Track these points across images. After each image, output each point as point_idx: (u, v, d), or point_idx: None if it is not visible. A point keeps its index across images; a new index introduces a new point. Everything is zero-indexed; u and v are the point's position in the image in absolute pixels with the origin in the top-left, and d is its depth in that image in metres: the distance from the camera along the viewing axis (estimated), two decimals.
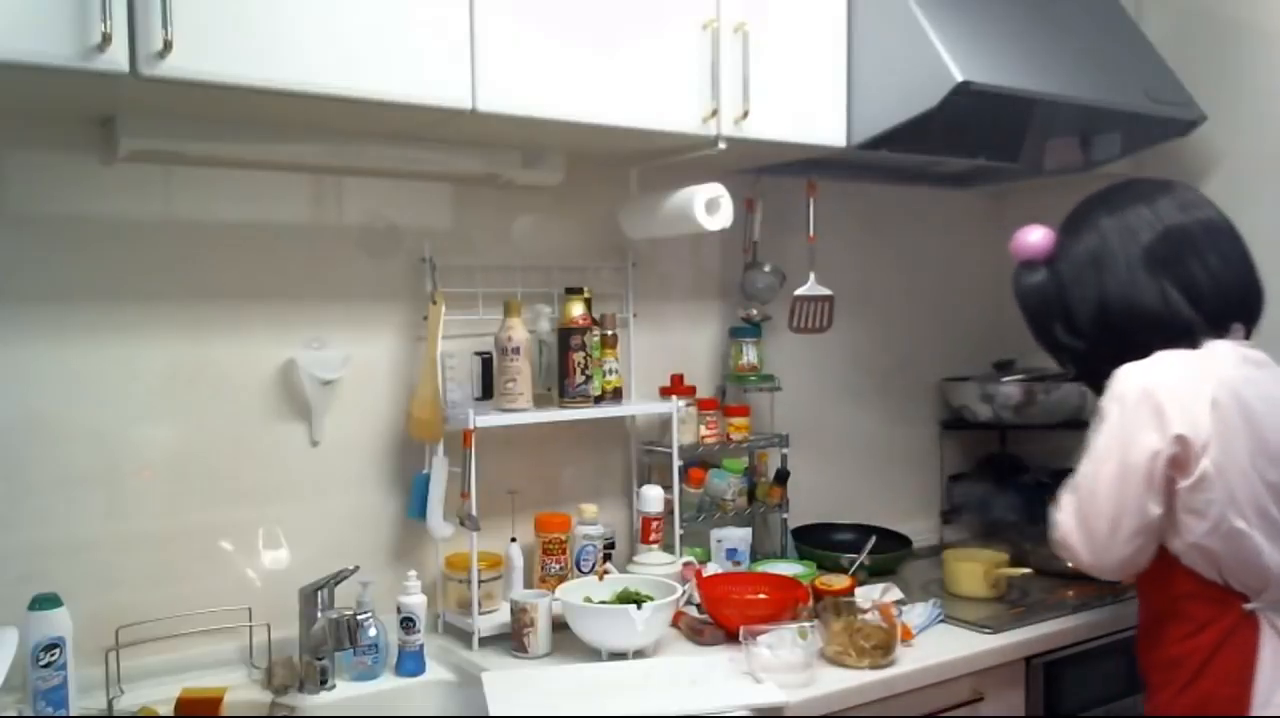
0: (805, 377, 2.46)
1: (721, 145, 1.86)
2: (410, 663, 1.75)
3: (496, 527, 1.94)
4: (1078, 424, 2.59)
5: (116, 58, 1.31)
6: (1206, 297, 1.59)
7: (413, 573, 1.78)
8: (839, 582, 1.94)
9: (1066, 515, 1.63)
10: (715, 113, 1.83)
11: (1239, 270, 1.63)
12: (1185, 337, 1.58)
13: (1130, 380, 1.54)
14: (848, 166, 2.31)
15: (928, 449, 2.71)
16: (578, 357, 1.93)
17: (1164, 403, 1.50)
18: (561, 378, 1.95)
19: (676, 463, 2.08)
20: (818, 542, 2.33)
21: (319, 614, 1.66)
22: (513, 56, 1.62)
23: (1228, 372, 1.53)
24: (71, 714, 1.52)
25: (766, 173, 2.26)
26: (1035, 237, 1.78)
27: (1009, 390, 2.52)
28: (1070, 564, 1.70)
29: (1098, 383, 1.62)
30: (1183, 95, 2.18)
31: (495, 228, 2.04)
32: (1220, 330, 1.60)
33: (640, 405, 2.12)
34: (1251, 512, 1.49)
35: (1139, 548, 1.55)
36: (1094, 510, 1.57)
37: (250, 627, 1.72)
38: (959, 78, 1.78)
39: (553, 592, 1.85)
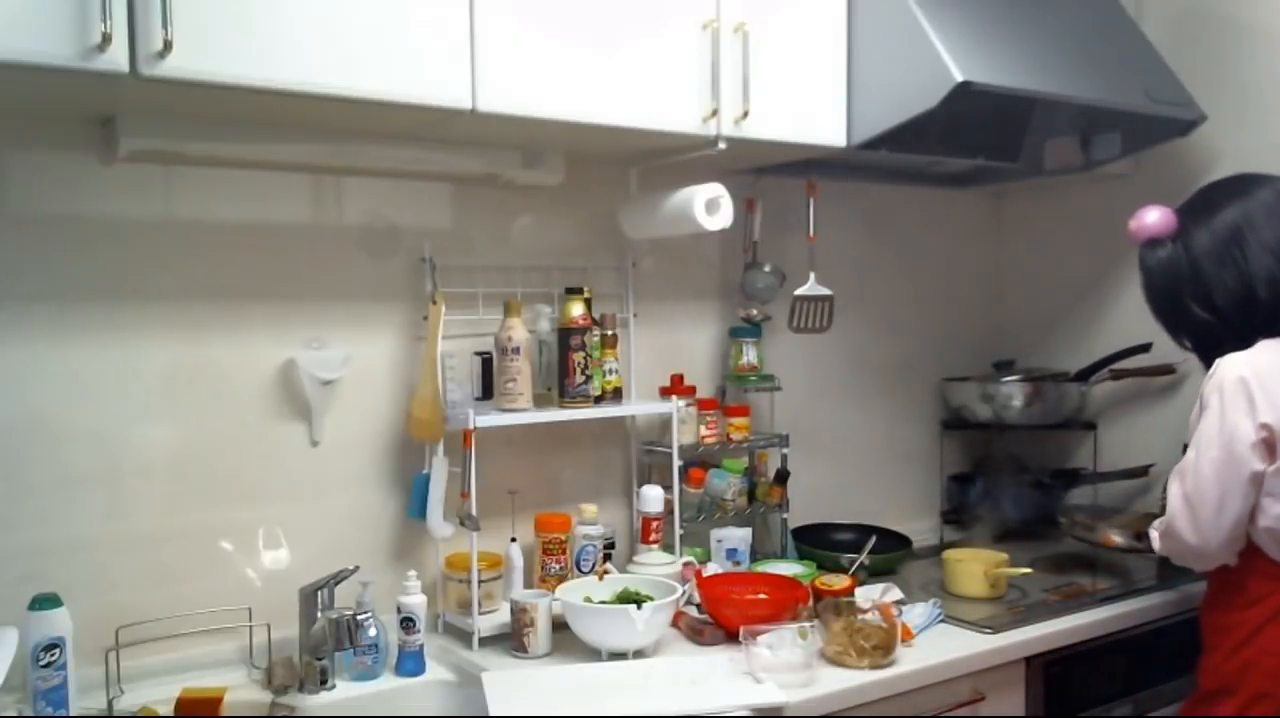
0: (805, 377, 2.46)
1: (721, 145, 1.86)
2: (410, 663, 1.75)
3: (496, 527, 1.94)
4: (1078, 424, 2.60)
5: (116, 58, 1.31)
6: None
7: (413, 573, 1.78)
8: (839, 582, 1.94)
9: (1175, 501, 1.71)
10: (715, 113, 1.83)
11: None
12: None
13: (1229, 370, 1.65)
14: (848, 167, 2.31)
15: (928, 449, 2.71)
16: (578, 357, 1.93)
17: (1255, 392, 1.60)
18: (561, 378, 1.95)
19: (676, 463, 2.08)
20: (818, 542, 2.33)
21: (319, 614, 1.66)
22: (513, 56, 1.62)
23: None
24: (71, 714, 1.52)
25: (766, 173, 2.26)
26: (1154, 216, 1.82)
27: (1009, 390, 2.52)
28: (1171, 557, 1.82)
29: (1213, 360, 1.71)
30: (1183, 95, 2.18)
31: (495, 228, 2.04)
32: None
33: (640, 405, 2.12)
34: None
35: (1243, 530, 1.65)
36: (1201, 497, 1.66)
37: (250, 627, 1.72)
38: (959, 78, 1.78)
39: (553, 592, 1.85)
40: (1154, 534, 1.84)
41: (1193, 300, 1.76)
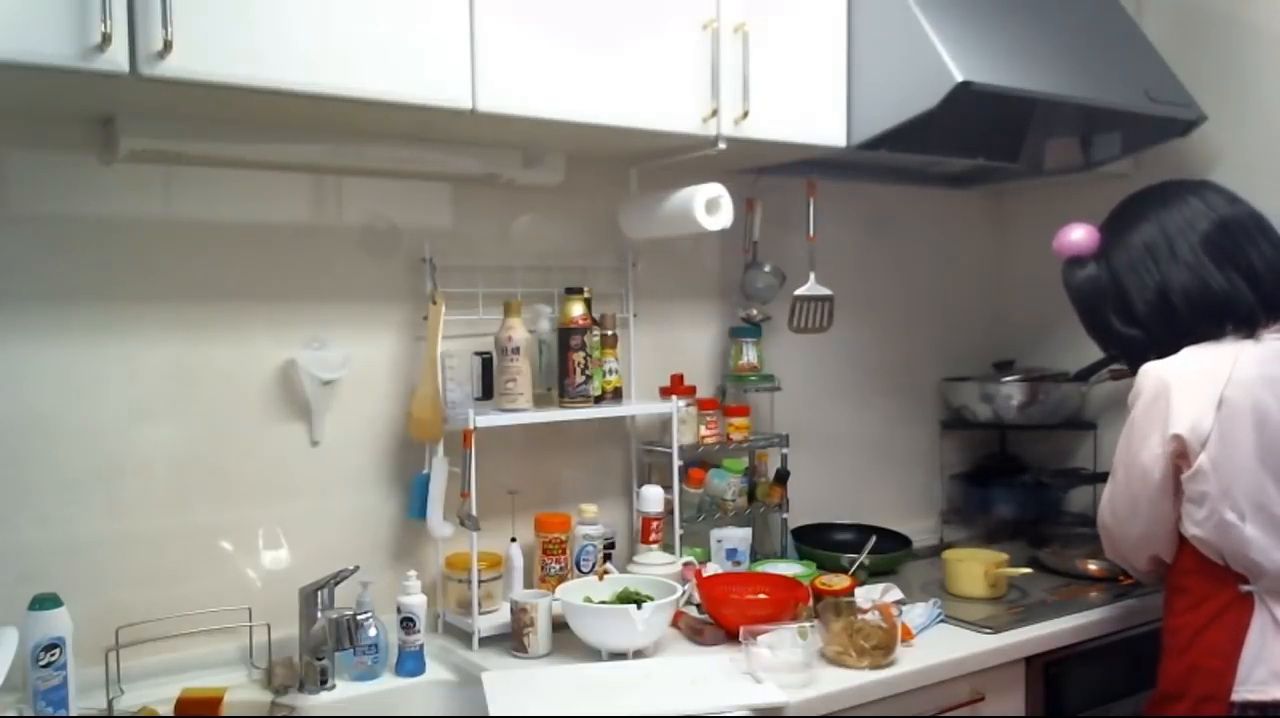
0: (805, 377, 2.46)
1: (721, 145, 1.86)
2: (410, 663, 1.75)
3: (496, 527, 1.94)
4: (1078, 424, 2.60)
5: (116, 58, 1.31)
6: (1265, 281, 1.67)
7: (413, 573, 1.78)
8: (839, 582, 1.94)
9: (1102, 503, 1.78)
10: (715, 113, 1.83)
11: None
12: (1246, 321, 1.66)
13: (1148, 379, 1.65)
14: (848, 166, 2.31)
15: (928, 449, 2.71)
16: (578, 357, 1.93)
17: (1172, 402, 1.60)
18: (561, 378, 1.95)
19: (676, 463, 2.08)
20: (818, 542, 2.33)
21: (319, 614, 1.66)
22: (513, 56, 1.62)
23: (1247, 372, 1.60)
24: (71, 714, 1.52)
25: (766, 173, 2.26)
26: (1079, 234, 1.84)
27: (1009, 390, 2.52)
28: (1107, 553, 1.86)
29: None
30: (1183, 95, 2.18)
31: (495, 228, 2.04)
32: (1274, 316, 1.66)
33: (640, 405, 2.12)
34: (1248, 507, 1.58)
35: (1157, 531, 1.68)
36: (1117, 502, 1.73)
37: (250, 627, 1.72)
38: (959, 78, 1.78)
39: (553, 592, 1.85)
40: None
41: (1115, 315, 1.78)
